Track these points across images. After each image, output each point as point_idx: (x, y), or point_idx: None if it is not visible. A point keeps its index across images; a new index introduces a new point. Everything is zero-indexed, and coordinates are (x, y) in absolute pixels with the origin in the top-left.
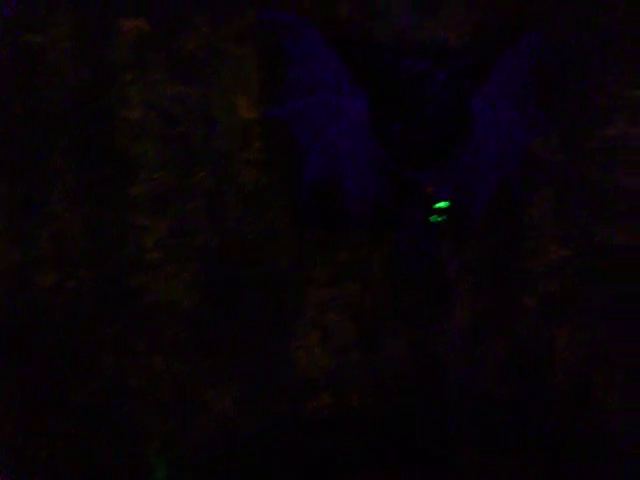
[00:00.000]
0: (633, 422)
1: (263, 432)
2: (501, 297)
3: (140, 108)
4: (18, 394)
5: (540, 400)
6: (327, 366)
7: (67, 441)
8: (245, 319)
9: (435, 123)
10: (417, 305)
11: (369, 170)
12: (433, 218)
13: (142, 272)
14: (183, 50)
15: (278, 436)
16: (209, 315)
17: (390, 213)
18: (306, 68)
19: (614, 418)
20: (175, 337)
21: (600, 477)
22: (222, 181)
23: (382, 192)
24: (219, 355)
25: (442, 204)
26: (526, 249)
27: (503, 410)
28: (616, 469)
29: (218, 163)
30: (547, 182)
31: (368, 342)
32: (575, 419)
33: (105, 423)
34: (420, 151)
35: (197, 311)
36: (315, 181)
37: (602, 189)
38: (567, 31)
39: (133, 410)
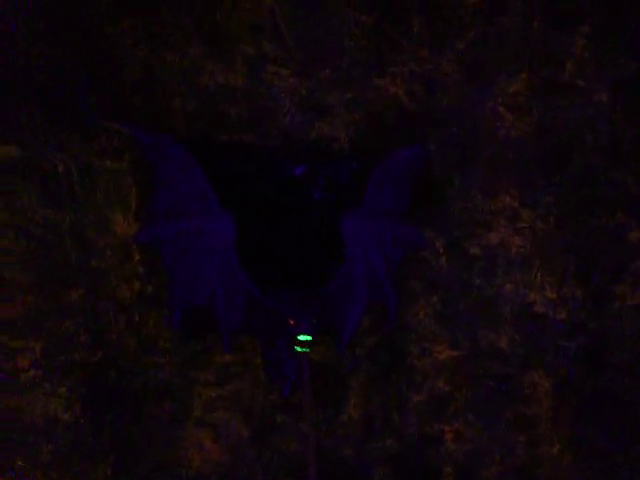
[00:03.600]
0: None
1: None
2: (391, 394)
3: (10, 234)
4: None
5: None
6: (220, 462)
7: None
8: (131, 426)
9: (303, 246)
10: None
11: (236, 295)
12: (297, 348)
13: (17, 392)
14: (54, 172)
15: None
16: (91, 426)
17: (258, 338)
18: (172, 190)
19: None
20: (55, 450)
21: None
22: (100, 298)
23: (248, 318)
24: (104, 463)
25: (305, 337)
26: (413, 350)
27: None
28: None
29: (95, 281)
30: (432, 287)
31: (260, 437)
32: None
33: None
34: (285, 277)
35: (77, 424)
36: (183, 302)
37: (484, 295)
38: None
39: None
